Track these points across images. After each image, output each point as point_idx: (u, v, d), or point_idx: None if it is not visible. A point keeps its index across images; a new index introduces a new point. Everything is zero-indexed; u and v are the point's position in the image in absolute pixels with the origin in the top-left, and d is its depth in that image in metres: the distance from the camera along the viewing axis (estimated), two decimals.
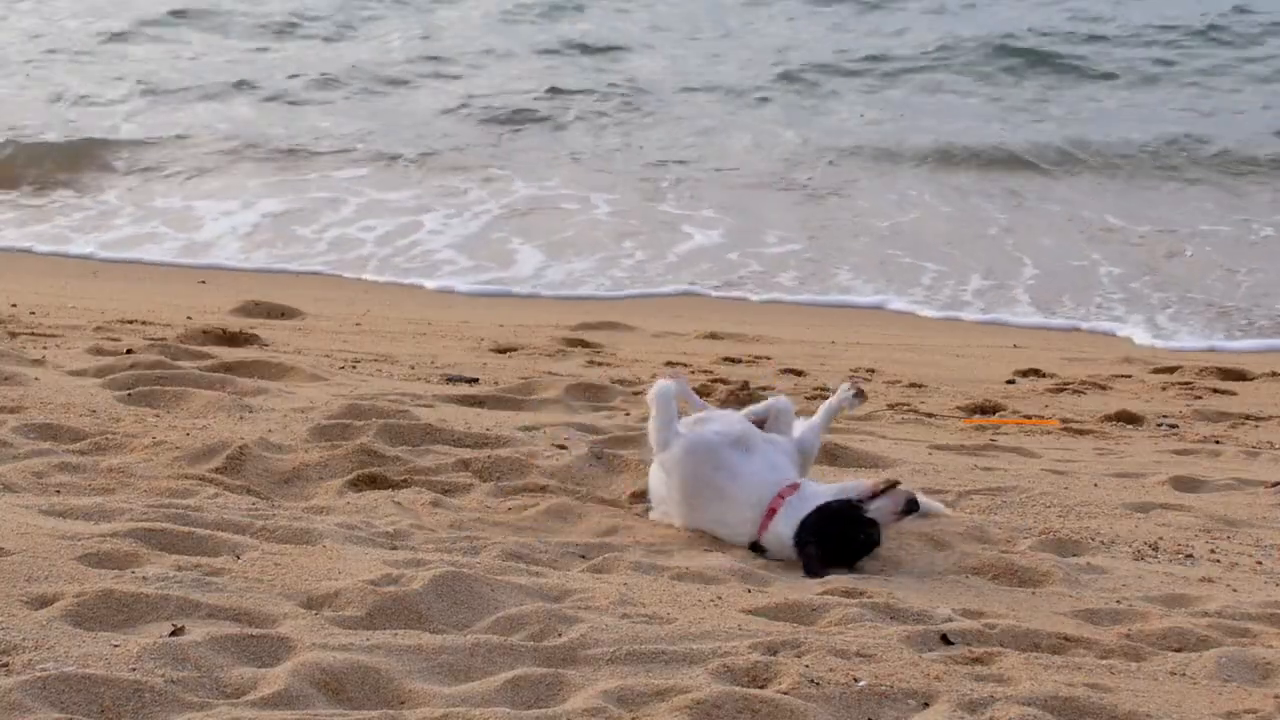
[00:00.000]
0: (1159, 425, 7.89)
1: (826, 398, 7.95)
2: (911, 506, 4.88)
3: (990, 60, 20.23)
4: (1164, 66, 19.85)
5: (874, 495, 4.87)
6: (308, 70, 20.57)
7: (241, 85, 19.78)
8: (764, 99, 19.06)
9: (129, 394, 6.57)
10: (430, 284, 12.28)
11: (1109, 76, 19.64)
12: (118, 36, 22.47)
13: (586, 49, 21.86)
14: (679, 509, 5.16)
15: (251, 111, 18.64)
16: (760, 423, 5.31)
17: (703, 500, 5.09)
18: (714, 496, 5.05)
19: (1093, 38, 21.20)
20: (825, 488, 5.00)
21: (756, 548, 4.98)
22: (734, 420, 5.21)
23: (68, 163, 16.02)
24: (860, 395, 5.60)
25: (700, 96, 19.24)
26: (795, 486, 5.00)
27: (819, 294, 12.07)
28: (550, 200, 15.02)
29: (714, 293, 12.14)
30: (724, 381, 8.14)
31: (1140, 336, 10.94)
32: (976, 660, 3.97)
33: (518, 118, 18.29)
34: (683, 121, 18.14)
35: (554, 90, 19.17)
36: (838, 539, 4.83)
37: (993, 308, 11.71)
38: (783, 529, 4.90)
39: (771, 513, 4.94)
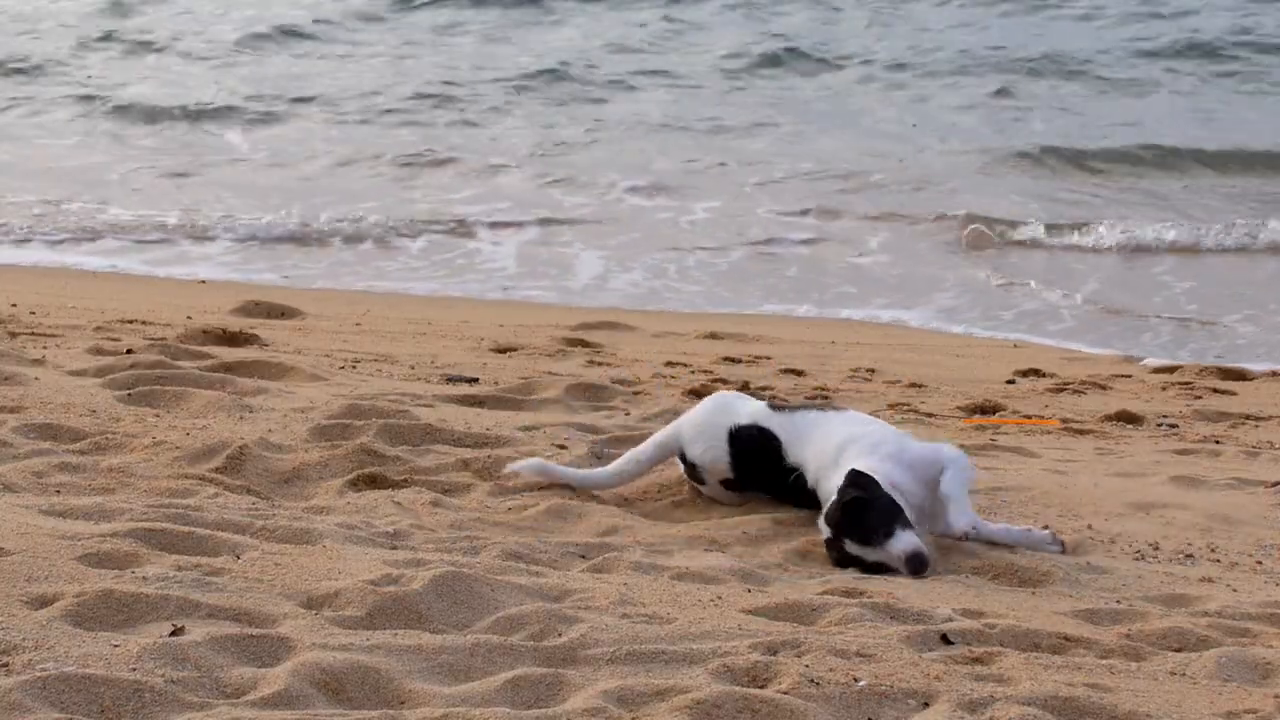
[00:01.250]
0: (1159, 425, 7.89)
1: (827, 397, 8.00)
2: (915, 566, 4.86)
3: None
4: None
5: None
6: None
7: None
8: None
9: (129, 394, 6.57)
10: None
11: None
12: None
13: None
14: None
15: None
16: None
17: None
18: None
19: None
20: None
21: None
22: None
23: None
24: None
25: None
26: None
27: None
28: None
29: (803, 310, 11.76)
30: (724, 381, 8.15)
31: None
32: (976, 660, 3.97)
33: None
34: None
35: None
36: None
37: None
38: None
39: None
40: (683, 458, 5.64)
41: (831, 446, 5.23)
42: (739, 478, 5.53)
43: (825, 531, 4.99)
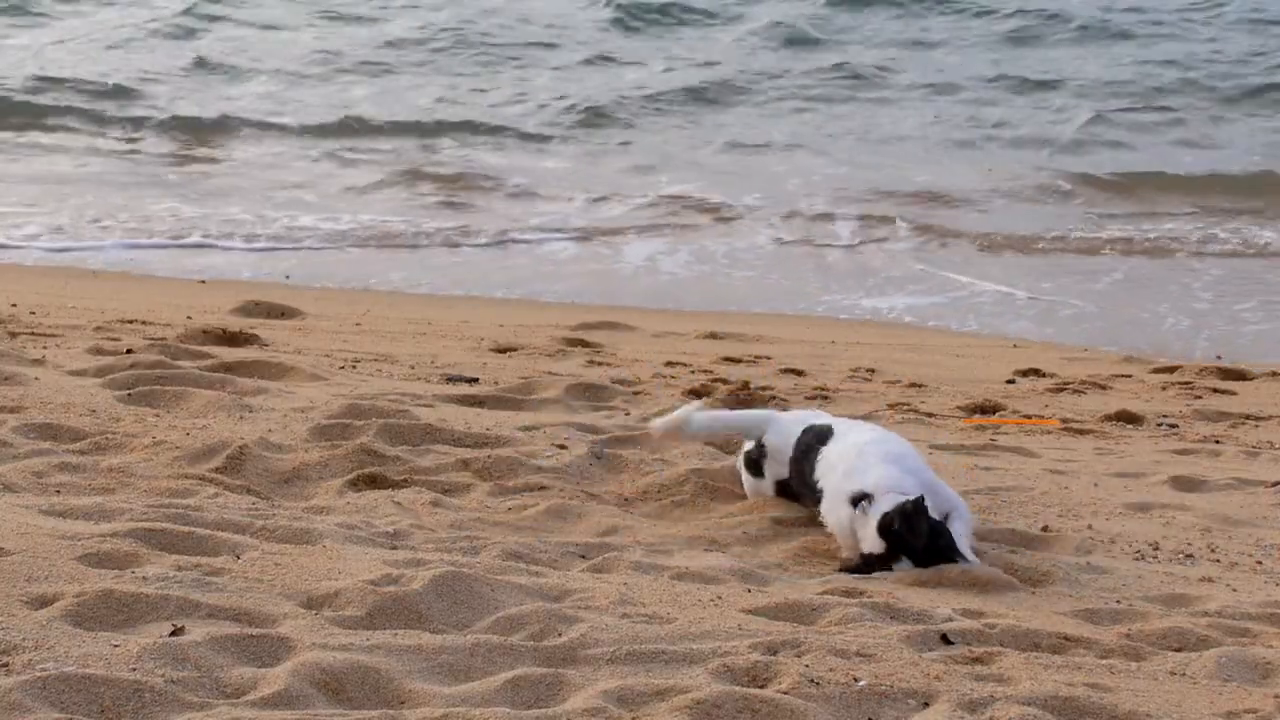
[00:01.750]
0: (1159, 425, 7.89)
1: (827, 397, 8.01)
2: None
3: None
4: None
5: None
6: None
7: None
8: None
9: (129, 394, 6.57)
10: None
11: None
12: None
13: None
14: None
15: None
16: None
17: None
18: None
19: None
20: None
21: None
22: None
23: None
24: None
25: None
26: None
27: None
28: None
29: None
30: (724, 381, 8.15)
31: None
32: (976, 660, 3.97)
33: None
34: None
35: None
36: None
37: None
38: None
39: None
40: (759, 443, 5.64)
41: (854, 447, 5.23)
42: (793, 479, 5.51)
43: (876, 545, 4.86)
